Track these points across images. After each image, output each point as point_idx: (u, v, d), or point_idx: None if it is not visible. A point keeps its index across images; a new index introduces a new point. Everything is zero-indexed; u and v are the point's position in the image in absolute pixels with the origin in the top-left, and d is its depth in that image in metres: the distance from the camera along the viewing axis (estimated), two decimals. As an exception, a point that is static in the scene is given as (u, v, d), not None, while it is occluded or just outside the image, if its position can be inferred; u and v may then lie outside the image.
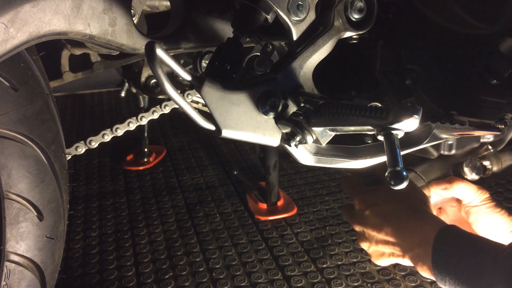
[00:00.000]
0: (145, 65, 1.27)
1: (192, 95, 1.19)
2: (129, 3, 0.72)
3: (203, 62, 1.08)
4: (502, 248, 0.74)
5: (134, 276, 1.37)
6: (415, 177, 1.05)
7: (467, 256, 0.75)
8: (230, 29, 0.76)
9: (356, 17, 0.77)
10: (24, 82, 0.70)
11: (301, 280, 1.33)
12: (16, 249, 0.72)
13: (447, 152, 1.01)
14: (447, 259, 0.77)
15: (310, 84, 0.75)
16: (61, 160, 0.78)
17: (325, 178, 1.91)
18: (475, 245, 0.77)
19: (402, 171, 0.57)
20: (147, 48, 0.59)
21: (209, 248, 1.49)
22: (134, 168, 2.06)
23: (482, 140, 1.06)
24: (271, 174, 1.64)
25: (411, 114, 0.57)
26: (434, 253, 0.78)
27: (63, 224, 0.79)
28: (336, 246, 1.47)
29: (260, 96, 0.68)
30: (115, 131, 1.18)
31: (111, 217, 1.69)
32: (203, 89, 0.64)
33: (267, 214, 1.65)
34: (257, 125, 0.69)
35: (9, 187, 0.70)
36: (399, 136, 0.60)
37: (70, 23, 0.64)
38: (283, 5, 0.70)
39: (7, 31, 0.58)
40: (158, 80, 0.59)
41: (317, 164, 0.77)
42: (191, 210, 1.72)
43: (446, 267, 0.77)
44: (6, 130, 0.68)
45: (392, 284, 1.30)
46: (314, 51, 0.74)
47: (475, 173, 1.09)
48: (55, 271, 0.79)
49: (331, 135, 0.73)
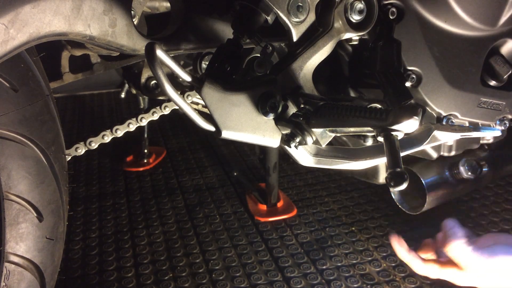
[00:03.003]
0: (145, 66, 1.27)
1: (192, 96, 1.19)
2: (129, 4, 0.72)
3: (203, 63, 1.08)
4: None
5: (134, 277, 1.37)
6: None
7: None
8: (230, 30, 0.76)
9: (356, 19, 0.77)
10: (24, 83, 0.70)
11: (301, 281, 1.33)
12: (15, 250, 0.72)
13: (447, 153, 1.01)
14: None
15: (310, 85, 0.76)
16: (61, 161, 0.78)
17: (325, 180, 1.91)
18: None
19: (402, 172, 0.57)
20: (147, 49, 0.59)
21: (209, 249, 1.48)
22: (134, 169, 2.06)
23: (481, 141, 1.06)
24: (271, 175, 1.64)
25: (411, 115, 0.57)
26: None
27: (63, 225, 0.79)
28: (336, 247, 1.47)
29: (260, 97, 0.68)
30: (115, 132, 1.18)
31: (111, 218, 1.69)
32: (203, 90, 0.64)
33: (267, 215, 1.65)
34: (257, 126, 0.69)
35: (9, 188, 0.70)
36: (399, 137, 0.60)
37: (70, 24, 0.64)
38: (283, 6, 0.70)
39: (7, 32, 0.58)
40: (158, 81, 0.59)
41: (317, 165, 0.77)
42: (191, 211, 1.72)
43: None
44: (6, 131, 0.68)
45: (392, 286, 1.30)
46: (314, 52, 0.74)
47: (471, 172, 1.09)
48: (54, 272, 0.79)
49: (331, 136, 0.73)
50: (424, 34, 0.88)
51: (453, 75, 0.91)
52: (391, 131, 0.59)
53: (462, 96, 0.93)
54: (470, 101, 0.94)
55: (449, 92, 0.91)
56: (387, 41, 0.84)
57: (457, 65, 0.91)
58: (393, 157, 0.58)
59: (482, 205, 1.66)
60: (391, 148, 0.59)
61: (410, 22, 0.86)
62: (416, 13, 0.87)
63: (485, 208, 1.64)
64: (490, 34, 0.94)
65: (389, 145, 0.59)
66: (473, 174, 1.09)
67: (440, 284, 1.29)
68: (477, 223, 1.55)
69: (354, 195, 1.79)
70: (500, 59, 0.96)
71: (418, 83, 0.89)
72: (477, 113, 0.96)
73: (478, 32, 0.92)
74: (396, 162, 0.58)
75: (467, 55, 0.92)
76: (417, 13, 0.87)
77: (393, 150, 0.59)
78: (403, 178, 0.56)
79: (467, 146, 1.03)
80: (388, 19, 0.84)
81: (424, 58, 0.88)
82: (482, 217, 1.58)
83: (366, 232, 1.55)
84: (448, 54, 0.90)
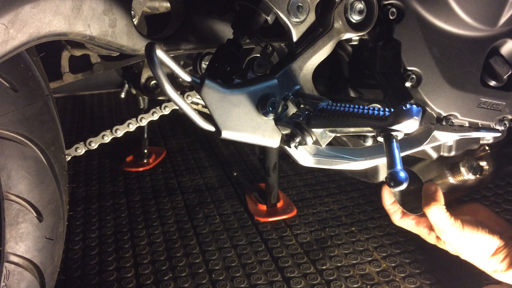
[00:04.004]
0: (145, 66, 1.27)
1: (192, 96, 1.19)
2: (129, 4, 0.72)
3: (203, 63, 1.08)
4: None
5: (134, 278, 1.37)
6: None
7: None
8: (230, 30, 0.76)
9: (356, 19, 0.77)
10: (24, 83, 0.70)
11: (301, 281, 1.33)
12: (15, 250, 0.72)
13: (446, 154, 1.01)
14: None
15: (310, 85, 0.76)
16: (61, 161, 0.78)
17: (324, 180, 1.91)
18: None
19: (402, 173, 0.57)
20: (147, 49, 0.59)
21: (208, 250, 1.48)
22: (134, 169, 2.06)
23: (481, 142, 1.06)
24: (270, 176, 1.64)
25: (411, 115, 0.57)
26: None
27: (63, 225, 0.79)
28: (335, 248, 1.47)
29: (260, 97, 0.68)
30: (114, 132, 1.18)
31: (110, 218, 1.69)
32: (203, 90, 0.64)
33: (267, 215, 1.65)
34: (257, 126, 0.69)
35: (9, 188, 0.70)
36: (399, 138, 0.60)
37: (70, 24, 0.64)
38: (283, 6, 0.70)
39: (7, 32, 0.58)
40: (158, 81, 0.59)
41: (316, 165, 0.77)
42: (191, 211, 1.72)
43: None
44: (6, 131, 0.68)
45: (391, 286, 1.30)
46: (314, 52, 0.74)
47: (472, 173, 1.09)
48: (54, 272, 0.79)
49: (331, 136, 0.73)
50: (424, 34, 0.87)
51: (453, 75, 0.91)
52: (391, 131, 0.59)
53: (462, 96, 0.93)
54: (470, 101, 0.94)
55: (449, 92, 0.91)
56: (387, 41, 0.84)
57: (457, 65, 0.91)
58: (393, 157, 0.58)
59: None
60: (391, 148, 0.59)
61: (410, 23, 0.86)
62: (416, 13, 0.87)
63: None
64: (490, 35, 0.94)
65: (389, 145, 0.59)
66: (473, 174, 1.09)
67: (440, 284, 1.29)
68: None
69: (354, 195, 1.79)
70: (500, 59, 0.96)
71: (418, 83, 0.88)
72: (477, 113, 0.96)
73: (478, 33, 0.92)
74: (396, 162, 0.58)
75: (467, 55, 0.92)
76: (417, 14, 0.87)
77: (393, 150, 0.59)
78: (403, 178, 0.56)
79: (467, 146, 1.03)
80: (388, 19, 0.84)
81: (424, 59, 0.88)
82: (482, 218, 1.58)
83: (366, 233, 1.55)
84: (448, 54, 0.90)
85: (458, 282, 1.30)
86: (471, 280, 1.29)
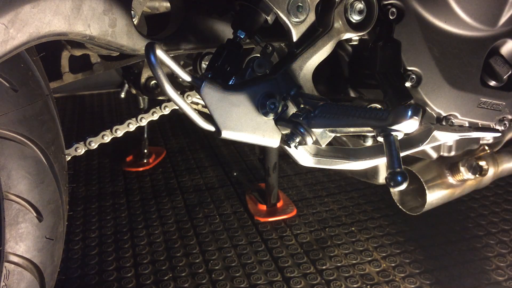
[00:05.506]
0: (145, 66, 1.27)
1: (192, 96, 1.19)
2: (129, 4, 0.72)
3: (203, 63, 1.08)
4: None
5: (134, 277, 1.37)
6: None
7: None
8: (230, 30, 0.76)
9: (356, 19, 0.77)
10: (24, 82, 0.70)
11: (301, 281, 1.33)
12: (15, 250, 0.72)
13: (446, 154, 1.01)
14: None
15: (310, 85, 0.76)
16: (61, 161, 0.78)
17: (324, 180, 1.91)
18: None
19: (402, 172, 0.57)
20: (147, 49, 0.59)
21: (208, 250, 1.48)
22: (134, 169, 2.06)
23: (481, 142, 1.06)
24: (270, 176, 1.64)
25: (410, 115, 0.57)
26: None
27: (63, 225, 0.79)
28: (335, 248, 1.47)
29: (260, 97, 0.68)
30: (114, 132, 1.18)
31: (110, 218, 1.69)
32: (203, 90, 0.64)
33: (267, 215, 1.65)
34: (257, 126, 0.69)
35: (9, 187, 0.70)
36: (399, 138, 0.60)
37: (70, 24, 0.64)
38: (283, 6, 0.70)
39: (7, 31, 0.58)
40: (158, 81, 0.59)
41: (316, 165, 0.78)
42: (191, 211, 1.72)
43: None
44: (6, 131, 0.68)
45: (391, 286, 1.30)
46: (314, 52, 0.74)
47: (471, 173, 1.09)
48: (54, 272, 0.79)
49: (331, 136, 0.73)
50: (424, 34, 0.88)
51: (453, 75, 0.91)
52: (391, 131, 0.59)
53: (462, 97, 0.93)
54: (470, 101, 0.94)
55: (449, 92, 0.91)
56: (387, 41, 0.84)
57: (457, 66, 0.91)
58: (393, 157, 0.58)
59: (482, 205, 1.66)
60: (391, 148, 0.59)
61: (410, 23, 0.86)
62: (416, 13, 0.87)
63: (485, 208, 1.64)
64: (490, 35, 0.94)
65: (389, 145, 0.59)
66: (473, 174, 1.09)
67: (440, 284, 1.29)
68: (476, 223, 1.55)
69: (353, 195, 1.79)
70: (500, 59, 0.96)
71: (418, 83, 0.89)
72: (477, 113, 0.96)
73: (478, 33, 0.92)
74: (396, 162, 0.58)
75: (467, 55, 0.92)
76: (417, 14, 0.87)
77: (393, 150, 0.59)
78: (403, 178, 0.56)
79: (467, 146, 1.03)
80: (388, 19, 0.84)
81: (424, 59, 0.88)
82: (481, 217, 1.58)
83: (365, 233, 1.55)
84: (448, 54, 0.90)
85: (458, 282, 1.30)
86: (471, 280, 1.29)
